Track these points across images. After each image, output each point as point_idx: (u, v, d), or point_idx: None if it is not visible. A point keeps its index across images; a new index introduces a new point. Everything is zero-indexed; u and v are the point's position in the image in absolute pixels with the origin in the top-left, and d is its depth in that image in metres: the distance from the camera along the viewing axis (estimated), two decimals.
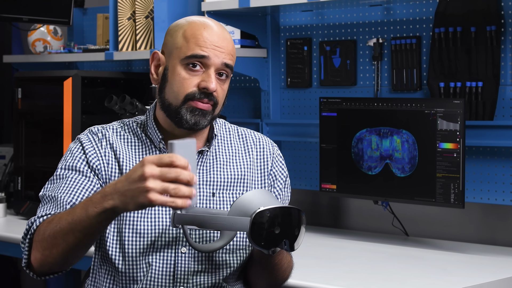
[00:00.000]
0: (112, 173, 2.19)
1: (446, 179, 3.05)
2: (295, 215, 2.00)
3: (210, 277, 2.20)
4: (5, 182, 4.12)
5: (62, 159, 2.22)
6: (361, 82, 3.56)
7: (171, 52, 2.17)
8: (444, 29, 3.26)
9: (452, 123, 3.04)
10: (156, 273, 2.17)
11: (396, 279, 2.69)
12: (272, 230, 1.96)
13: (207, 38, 2.14)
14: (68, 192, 2.14)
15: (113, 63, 4.46)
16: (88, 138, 2.22)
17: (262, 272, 2.24)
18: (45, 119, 3.91)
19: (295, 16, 3.75)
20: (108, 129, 2.25)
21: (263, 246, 1.96)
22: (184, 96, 2.14)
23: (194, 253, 2.18)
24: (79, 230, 1.95)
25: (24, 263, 2.09)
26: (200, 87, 2.13)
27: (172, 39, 2.18)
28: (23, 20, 4.15)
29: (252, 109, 3.93)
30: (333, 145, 3.38)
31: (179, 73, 2.14)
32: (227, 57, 2.16)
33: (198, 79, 2.14)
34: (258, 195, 2.03)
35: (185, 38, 2.15)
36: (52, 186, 2.18)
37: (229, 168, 2.27)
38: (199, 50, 2.13)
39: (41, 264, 2.05)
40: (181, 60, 2.14)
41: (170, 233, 2.17)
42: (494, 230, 3.27)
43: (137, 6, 3.84)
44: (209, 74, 2.13)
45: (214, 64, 2.14)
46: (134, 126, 2.26)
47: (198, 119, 2.15)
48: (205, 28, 2.15)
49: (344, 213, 3.70)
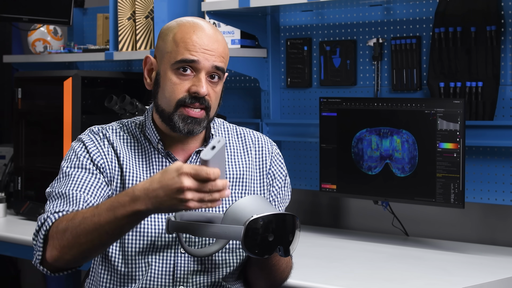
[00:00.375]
0: (115, 172, 2.19)
1: (446, 179, 3.05)
2: (289, 220, 1.99)
3: (210, 277, 2.20)
4: (5, 182, 4.12)
5: (66, 159, 2.21)
6: (361, 82, 3.56)
7: (162, 57, 2.17)
8: (444, 29, 3.26)
9: (452, 123, 3.04)
10: (155, 272, 2.17)
11: (396, 279, 2.69)
12: (266, 237, 1.95)
13: (197, 42, 2.13)
14: (79, 189, 2.13)
15: (113, 63, 4.46)
16: (89, 137, 2.23)
17: (260, 273, 2.24)
18: (45, 119, 3.91)
19: (295, 16, 3.75)
20: (108, 129, 2.26)
21: (257, 254, 1.96)
22: (175, 102, 2.14)
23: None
24: (106, 231, 1.96)
25: (38, 260, 2.08)
26: (190, 91, 2.13)
27: (163, 43, 2.18)
28: (23, 20, 4.15)
29: (252, 109, 3.93)
30: (333, 145, 3.38)
31: (170, 78, 2.14)
32: (217, 59, 2.14)
33: (189, 84, 2.13)
34: (252, 202, 2.01)
35: (175, 42, 2.14)
36: (60, 184, 2.16)
37: (228, 167, 2.27)
38: (188, 54, 2.12)
39: (58, 261, 2.04)
40: (171, 65, 2.14)
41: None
42: (494, 230, 3.27)
43: (137, 6, 3.84)
44: (200, 78, 2.13)
45: (204, 67, 2.13)
46: (133, 127, 2.26)
47: (191, 127, 2.15)
48: (194, 31, 2.14)
49: (344, 213, 3.70)
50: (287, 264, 2.26)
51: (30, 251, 3.39)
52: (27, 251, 3.42)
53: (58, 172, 2.22)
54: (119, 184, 2.19)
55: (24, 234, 3.46)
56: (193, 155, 2.23)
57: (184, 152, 2.23)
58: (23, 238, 3.43)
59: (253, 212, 1.95)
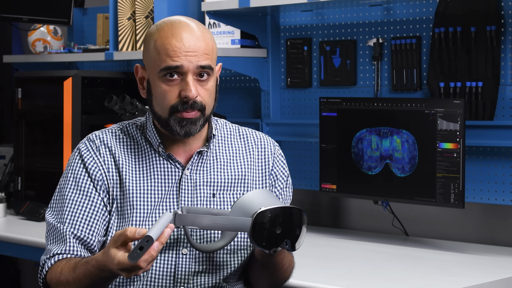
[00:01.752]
0: (113, 181, 2.20)
1: (446, 179, 3.05)
2: (297, 214, 2.00)
3: (211, 278, 2.20)
4: (5, 182, 4.12)
5: (64, 175, 2.24)
6: (361, 82, 3.56)
7: (149, 66, 2.18)
8: (444, 29, 3.26)
9: (452, 123, 3.04)
10: (156, 274, 2.17)
11: (396, 279, 2.69)
12: (273, 230, 1.96)
13: (176, 46, 2.11)
14: (73, 224, 2.18)
15: (113, 63, 4.46)
16: (86, 147, 2.23)
17: (263, 272, 2.24)
18: (45, 119, 3.91)
19: (295, 16, 3.75)
20: (107, 132, 2.25)
21: (264, 246, 1.97)
22: (168, 108, 2.14)
23: (195, 254, 2.18)
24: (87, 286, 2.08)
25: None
26: (181, 96, 2.12)
27: (146, 51, 2.18)
28: (23, 20, 4.15)
29: (252, 109, 3.93)
30: (333, 145, 3.38)
31: (159, 85, 2.14)
32: (201, 58, 2.12)
33: (178, 88, 2.13)
34: (259, 195, 2.03)
35: (156, 50, 2.13)
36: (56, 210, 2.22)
37: (230, 168, 2.27)
38: (170, 61, 2.11)
39: None
40: (157, 73, 2.14)
41: (172, 234, 2.17)
42: (494, 230, 3.27)
43: (137, 6, 3.84)
44: (187, 82, 2.11)
45: (189, 70, 2.11)
46: (134, 129, 2.26)
47: (188, 128, 2.15)
48: (173, 35, 2.12)
49: (344, 213, 3.70)
50: (290, 263, 2.26)
51: (30, 251, 3.41)
52: (27, 251, 3.42)
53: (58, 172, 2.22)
54: (118, 192, 2.19)
55: (24, 234, 3.46)
56: (195, 155, 2.22)
57: (186, 153, 2.23)
58: (23, 238, 3.43)
59: (261, 205, 1.97)
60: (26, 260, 4.62)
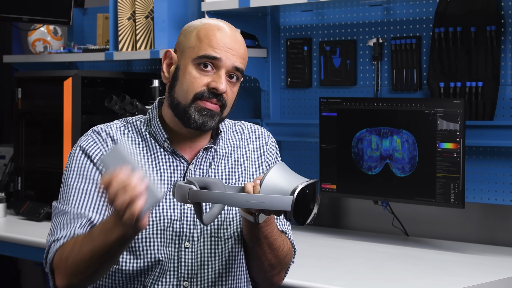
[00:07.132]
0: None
1: (446, 179, 3.06)
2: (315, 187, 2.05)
3: (214, 271, 2.20)
4: (5, 182, 4.12)
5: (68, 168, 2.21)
6: (361, 82, 3.56)
7: (183, 51, 2.18)
8: (444, 29, 3.27)
9: (452, 123, 3.04)
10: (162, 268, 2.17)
11: (396, 279, 2.69)
12: (308, 205, 2.00)
13: (220, 40, 2.15)
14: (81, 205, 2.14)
15: (113, 63, 4.46)
16: (92, 138, 2.22)
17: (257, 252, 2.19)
18: (45, 119, 3.91)
19: (295, 16, 3.75)
20: (112, 127, 2.26)
21: (301, 222, 1.99)
22: (193, 95, 2.15)
23: (197, 247, 2.18)
24: (102, 254, 1.99)
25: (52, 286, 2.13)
26: (210, 87, 2.14)
27: (185, 38, 2.19)
28: (23, 20, 4.15)
29: (252, 109, 3.93)
30: (333, 145, 3.38)
31: (190, 72, 2.15)
32: (238, 60, 2.16)
33: (208, 79, 2.15)
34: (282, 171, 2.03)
35: (199, 38, 2.16)
36: (63, 198, 2.19)
37: (232, 163, 2.28)
38: (211, 51, 2.14)
39: (68, 287, 2.09)
40: (193, 59, 2.15)
41: (174, 227, 2.17)
42: (494, 230, 3.27)
43: (137, 6, 3.84)
44: (220, 75, 2.14)
45: (225, 66, 2.15)
46: (138, 124, 2.27)
47: (206, 119, 2.16)
48: (219, 30, 2.16)
49: (344, 213, 3.70)
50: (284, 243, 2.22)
51: (30, 251, 3.41)
52: (27, 251, 3.43)
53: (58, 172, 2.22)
54: None
55: (24, 234, 3.46)
56: (201, 151, 2.23)
57: (192, 150, 2.24)
58: (23, 238, 3.43)
59: (291, 182, 1.98)
60: (26, 260, 4.62)
